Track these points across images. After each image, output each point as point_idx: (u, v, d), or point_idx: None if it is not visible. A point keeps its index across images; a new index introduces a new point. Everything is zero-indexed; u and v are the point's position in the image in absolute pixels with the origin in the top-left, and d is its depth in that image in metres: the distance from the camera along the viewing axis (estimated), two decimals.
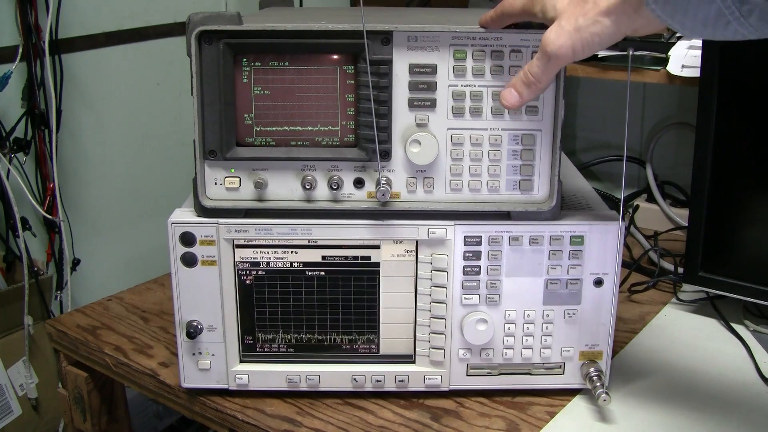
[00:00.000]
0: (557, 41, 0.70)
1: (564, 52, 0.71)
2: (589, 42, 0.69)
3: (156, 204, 1.76)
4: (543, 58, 0.73)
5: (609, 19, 0.67)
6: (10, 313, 1.48)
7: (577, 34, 0.69)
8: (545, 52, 0.72)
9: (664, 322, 1.14)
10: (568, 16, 0.70)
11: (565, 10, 0.70)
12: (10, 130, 1.47)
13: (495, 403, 0.94)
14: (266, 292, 0.92)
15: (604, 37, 0.69)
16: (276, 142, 0.87)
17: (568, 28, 0.70)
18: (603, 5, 0.68)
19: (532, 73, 0.75)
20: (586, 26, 0.69)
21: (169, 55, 1.72)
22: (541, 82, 0.75)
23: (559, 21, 0.71)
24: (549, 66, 0.73)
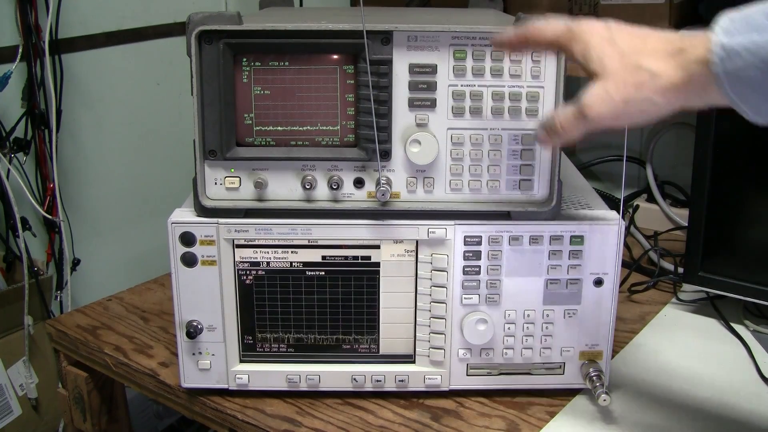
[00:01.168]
0: (600, 108, 0.61)
1: (604, 121, 0.62)
2: (633, 117, 0.61)
3: (156, 204, 1.76)
4: (579, 117, 0.64)
5: (663, 98, 0.59)
6: (10, 313, 1.48)
7: (623, 107, 0.61)
8: (583, 113, 0.63)
9: (664, 322, 1.14)
10: (617, 82, 0.61)
11: (615, 73, 0.61)
12: (10, 130, 1.46)
13: (495, 403, 0.94)
14: (266, 292, 0.92)
15: (653, 116, 0.61)
16: (276, 142, 0.87)
17: (616, 98, 0.61)
18: (660, 84, 0.59)
19: (563, 124, 0.66)
20: (638, 102, 0.60)
21: (169, 55, 1.72)
22: (572, 135, 0.66)
23: (606, 84, 0.61)
24: (583, 125, 0.64)
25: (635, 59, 0.60)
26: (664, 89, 0.59)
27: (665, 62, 0.59)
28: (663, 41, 0.61)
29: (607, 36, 0.64)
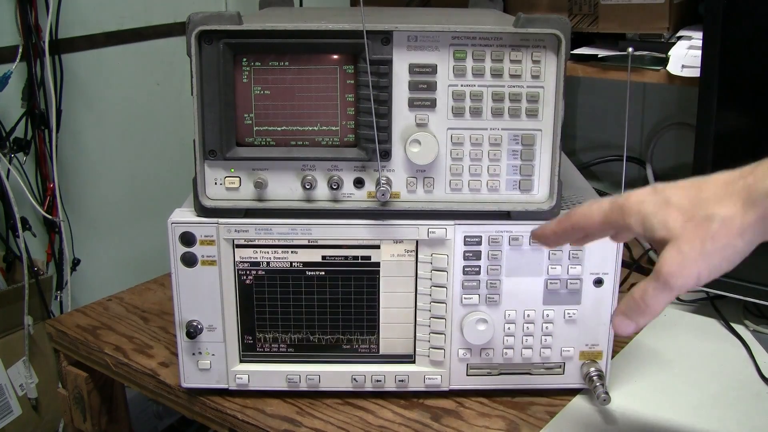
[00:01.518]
0: (681, 271, 0.58)
1: (687, 282, 0.58)
2: (717, 269, 0.58)
3: (156, 204, 1.76)
4: (662, 289, 0.59)
5: (743, 240, 0.57)
6: (10, 313, 1.48)
7: (704, 262, 0.57)
8: (666, 282, 0.59)
9: (664, 322, 1.14)
10: (689, 239, 0.58)
11: (684, 231, 0.58)
12: (10, 130, 1.46)
13: (495, 403, 0.94)
14: (266, 292, 0.92)
15: (735, 261, 0.58)
16: (276, 142, 0.87)
17: (693, 255, 0.57)
18: (734, 227, 0.57)
19: (647, 302, 0.60)
20: (716, 251, 0.57)
21: (169, 55, 1.72)
22: (657, 309, 0.61)
23: (678, 245, 0.58)
24: (667, 296, 0.60)
25: (700, 211, 0.58)
26: (740, 231, 0.57)
27: (732, 204, 0.57)
28: (721, 184, 0.59)
29: (660, 199, 0.61)
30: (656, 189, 0.62)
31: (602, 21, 1.36)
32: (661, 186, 0.62)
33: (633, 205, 0.62)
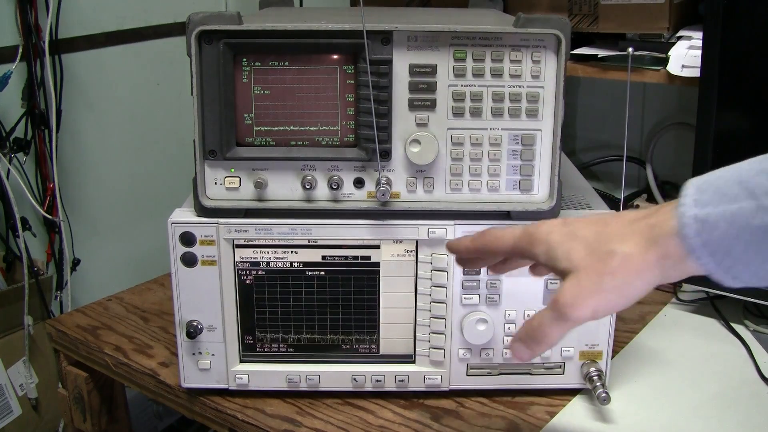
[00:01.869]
0: (577, 303, 0.57)
1: (583, 315, 0.58)
2: (614, 304, 0.58)
3: (156, 204, 1.76)
4: (558, 319, 0.59)
5: (641, 278, 0.57)
6: (10, 313, 1.48)
7: (600, 296, 0.57)
8: (561, 313, 0.58)
9: (664, 322, 1.14)
10: (588, 273, 0.58)
11: (585, 265, 0.58)
12: (10, 130, 1.46)
13: (495, 403, 0.94)
14: (266, 292, 0.92)
15: (631, 299, 0.58)
16: (276, 142, 0.87)
17: (590, 288, 0.57)
18: (634, 264, 0.57)
19: (543, 331, 0.60)
20: (613, 287, 0.57)
21: (169, 55, 1.72)
22: (554, 340, 0.61)
23: (578, 277, 0.58)
24: (563, 327, 0.59)
25: (603, 246, 0.58)
26: (639, 270, 0.57)
27: (634, 242, 0.57)
28: (626, 221, 0.59)
29: (567, 231, 0.62)
30: (566, 221, 0.63)
31: (602, 21, 1.36)
32: (571, 219, 0.63)
33: (542, 234, 0.63)
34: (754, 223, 0.51)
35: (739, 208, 0.52)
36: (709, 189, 0.54)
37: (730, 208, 0.52)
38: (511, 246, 0.65)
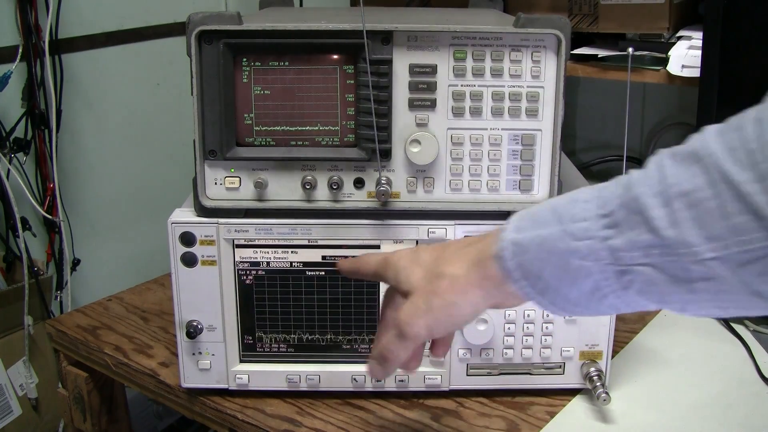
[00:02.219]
0: (413, 321, 0.61)
1: (419, 333, 0.62)
2: (444, 323, 0.62)
3: (156, 204, 1.76)
4: (398, 336, 0.63)
5: (465, 299, 0.60)
6: (10, 313, 1.48)
7: (431, 315, 0.61)
8: (400, 331, 0.62)
9: (664, 322, 1.14)
10: (422, 294, 0.62)
11: (419, 286, 0.62)
12: (10, 130, 1.46)
13: (495, 403, 0.94)
14: (266, 292, 0.92)
15: (461, 318, 0.61)
16: (276, 142, 0.87)
17: (422, 308, 0.61)
18: (459, 285, 0.60)
19: (389, 349, 0.64)
20: (441, 307, 0.60)
21: (169, 55, 1.72)
22: (400, 357, 0.64)
23: (413, 298, 0.62)
24: (405, 344, 0.63)
25: (434, 268, 0.62)
26: (463, 290, 0.60)
27: (461, 264, 0.61)
28: (460, 245, 0.63)
29: (413, 256, 0.66)
30: (416, 248, 0.67)
31: (602, 21, 1.36)
32: (422, 246, 0.68)
33: (393, 260, 0.67)
34: (560, 247, 0.54)
35: (549, 233, 0.55)
36: (528, 216, 0.58)
37: (541, 232, 0.56)
38: (373, 271, 0.70)
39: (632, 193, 0.52)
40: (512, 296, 0.59)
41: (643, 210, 0.51)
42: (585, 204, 0.55)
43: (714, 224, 0.48)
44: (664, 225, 0.50)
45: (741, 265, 0.48)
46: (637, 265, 0.52)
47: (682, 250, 0.49)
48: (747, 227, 0.47)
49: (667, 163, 0.52)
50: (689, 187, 0.49)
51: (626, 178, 0.54)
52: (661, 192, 0.50)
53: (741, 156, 0.47)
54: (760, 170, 0.46)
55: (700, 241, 0.49)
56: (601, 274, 0.53)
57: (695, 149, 0.50)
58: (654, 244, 0.50)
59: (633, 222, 0.51)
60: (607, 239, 0.53)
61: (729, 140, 0.49)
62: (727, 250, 0.48)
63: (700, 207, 0.49)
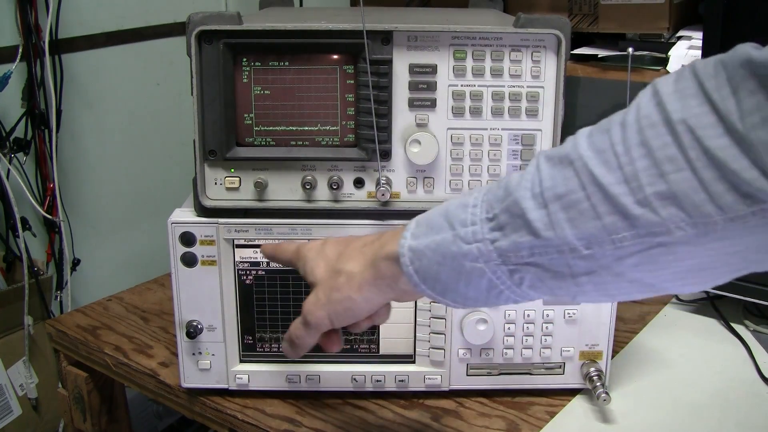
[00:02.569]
0: (314, 312, 0.67)
1: (322, 322, 0.67)
2: (343, 314, 0.66)
3: (156, 204, 1.76)
4: (303, 324, 0.69)
5: (360, 295, 0.64)
6: (10, 313, 1.48)
7: (330, 307, 0.66)
8: (305, 319, 0.68)
9: (664, 322, 1.14)
10: (324, 288, 0.67)
11: (322, 280, 0.67)
12: (10, 130, 1.47)
13: (495, 403, 0.94)
14: (266, 292, 0.92)
15: (359, 311, 0.66)
16: (276, 142, 0.87)
17: (323, 300, 0.66)
18: (355, 282, 0.64)
19: (297, 334, 0.70)
20: (338, 301, 0.65)
21: (169, 55, 1.72)
22: (307, 344, 0.70)
23: (316, 290, 0.68)
24: (309, 331, 0.69)
25: (335, 264, 0.67)
26: (359, 287, 0.64)
27: (358, 262, 0.65)
28: (359, 244, 0.67)
29: (319, 249, 0.70)
30: (325, 241, 0.71)
31: (602, 21, 1.36)
32: (330, 240, 0.71)
33: (303, 252, 0.72)
34: (453, 251, 0.57)
35: (442, 238, 0.58)
36: (423, 222, 0.61)
37: (435, 238, 0.59)
38: (288, 259, 0.75)
39: (513, 196, 0.55)
40: (407, 293, 0.63)
41: (523, 213, 0.54)
42: (474, 209, 0.57)
43: (588, 224, 0.51)
44: (543, 226, 0.53)
45: (616, 260, 0.52)
46: (524, 265, 0.55)
47: (563, 249, 0.53)
48: (617, 226, 0.50)
49: (544, 167, 0.54)
50: (563, 190, 0.52)
51: (507, 180, 0.57)
52: (538, 194, 0.53)
53: (609, 158, 0.50)
54: (625, 172, 0.49)
55: (577, 240, 0.52)
56: (494, 274, 0.56)
57: (568, 152, 0.53)
58: (536, 245, 0.54)
59: (516, 224, 0.55)
60: (494, 241, 0.56)
61: (598, 143, 0.52)
62: (602, 248, 0.51)
63: (574, 208, 0.52)
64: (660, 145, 0.48)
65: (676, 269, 0.51)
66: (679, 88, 0.50)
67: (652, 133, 0.49)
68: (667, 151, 0.48)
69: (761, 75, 0.45)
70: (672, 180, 0.48)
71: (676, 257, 0.50)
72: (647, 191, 0.48)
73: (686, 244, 0.49)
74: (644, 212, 0.49)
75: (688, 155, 0.47)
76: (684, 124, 0.48)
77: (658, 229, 0.49)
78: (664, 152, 0.48)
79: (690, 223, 0.48)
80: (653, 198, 0.48)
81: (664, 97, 0.50)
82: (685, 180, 0.47)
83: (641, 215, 0.49)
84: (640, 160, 0.49)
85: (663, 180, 0.48)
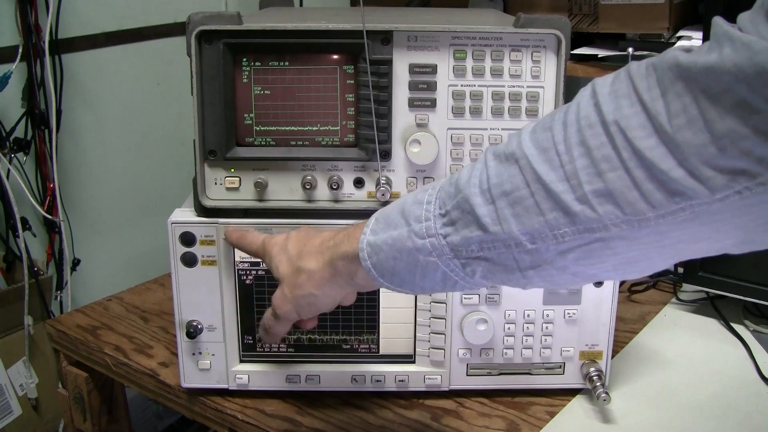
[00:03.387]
0: (282, 306, 0.71)
1: (290, 315, 0.72)
2: (308, 308, 0.71)
3: (156, 204, 1.76)
4: (274, 315, 0.73)
5: (321, 291, 0.69)
6: (10, 313, 1.48)
7: (296, 302, 0.70)
8: (274, 311, 0.73)
9: (664, 322, 1.14)
10: (287, 284, 0.71)
11: (285, 277, 0.71)
12: (10, 130, 1.47)
13: (495, 403, 0.94)
14: (266, 292, 0.92)
15: (322, 305, 0.70)
16: (276, 142, 0.87)
17: (288, 296, 0.70)
18: (315, 280, 0.68)
19: (268, 324, 0.74)
20: (303, 296, 0.70)
21: (169, 55, 1.72)
22: (279, 332, 0.74)
23: (282, 286, 0.71)
24: (281, 322, 0.73)
25: (296, 262, 0.70)
26: (319, 284, 0.68)
27: (317, 261, 0.68)
28: (318, 241, 0.70)
29: (283, 244, 0.73)
30: (288, 236, 0.74)
31: (602, 21, 1.36)
32: (293, 234, 0.74)
33: (269, 245, 0.75)
34: (408, 246, 0.60)
35: (399, 234, 0.61)
36: (381, 219, 0.64)
37: (392, 234, 0.61)
38: (255, 251, 0.79)
39: (463, 193, 0.57)
40: (364, 286, 0.68)
41: (473, 209, 0.56)
42: (428, 205, 0.60)
43: (532, 220, 0.54)
44: (491, 221, 0.56)
45: (559, 254, 0.54)
46: (475, 258, 0.58)
47: (509, 243, 0.56)
48: (559, 222, 0.53)
49: (491, 163, 0.57)
50: (509, 187, 0.55)
51: (457, 177, 0.59)
52: (486, 191, 0.56)
53: (551, 156, 0.53)
54: (566, 170, 0.52)
55: (522, 235, 0.55)
56: (447, 267, 0.59)
57: (513, 150, 0.55)
58: (485, 240, 0.56)
59: (466, 220, 0.57)
60: (446, 236, 0.58)
61: (541, 141, 0.54)
62: (545, 242, 0.54)
63: (519, 205, 0.54)
64: (597, 144, 0.50)
65: (615, 262, 0.54)
66: (614, 89, 0.51)
67: (590, 133, 0.51)
68: (603, 150, 0.50)
69: (687, 78, 0.47)
70: (608, 178, 0.50)
71: (613, 251, 0.53)
72: (586, 188, 0.51)
73: (622, 239, 0.52)
74: (583, 209, 0.51)
75: (622, 155, 0.49)
76: (617, 125, 0.50)
77: (595, 225, 0.51)
78: (601, 152, 0.50)
79: (624, 220, 0.50)
80: (591, 195, 0.51)
81: (600, 98, 0.51)
82: (619, 179, 0.50)
83: (580, 212, 0.51)
84: (579, 159, 0.51)
85: (600, 178, 0.50)
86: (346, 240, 0.66)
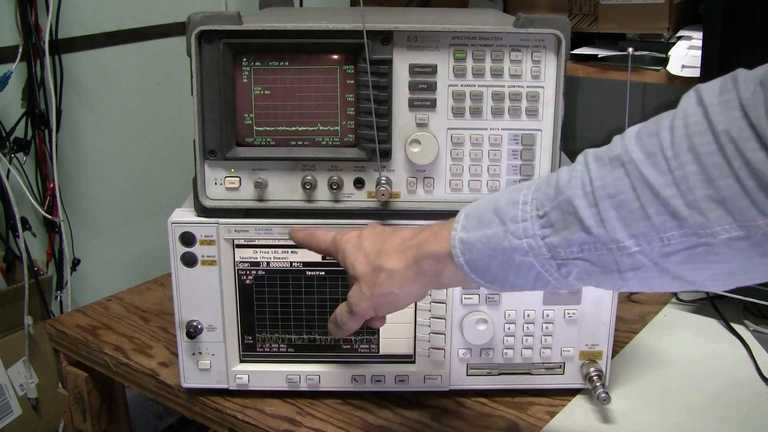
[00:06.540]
0: (359, 303, 0.71)
1: (367, 312, 0.72)
2: (387, 306, 0.71)
3: (156, 204, 1.76)
4: (349, 312, 0.73)
5: (402, 290, 0.68)
6: (10, 313, 1.48)
7: (373, 300, 0.70)
8: (350, 308, 0.72)
9: (664, 322, 1.14)
10: (366, 283, 0.70)
11: (363, 275, 0.70)
12: (10, 130, 1.46)
13: (495, 403, 0.94)
14: (266, 292, 0.92)
15: (402, 303, 0.70)
16: (276, 142, 0.87)
17: (368, 294, 0.70)
18: (396, 279, 0.68)
19: (342, 320, 0.74)
20: (381, 295, 0.69)
21: (169, 55, 1.72)
22: (351, 328, 0.74)
23: (360, 284, 0.71)
24: (356, 318, 0.73)
25: (375, 261, 0.70)
26: (400, 283, 0.68)
27: (399, 260, 0.68)
28: (399, 241, 0.70)
29: (357, 242, 0.73)
30: (362, 233, 0.74)
31: (602, 21, 1.36)
32: (367, 231, 0.74)
33: (341, 243, 0.75)
34: (504, 245, 0.60)
35: (493, 233, 0.61)
36: (473, 216, 0.64)
37: (486, 232, 0.62)
38: (324, 249, 0.78)
39: (565, 195, 0.58)
40: (448, 285, 0.68)
41: (575, 210, 0.57)
42: (524, 206, 0.60)
43: (637, 223, 0.54)
44: (594, 224, 0.56)
45: (663, 257, 0.55)
46: (574, 259, 0.58)
47: (611, 246, 0.56)
48: (666, 226, 0.53)
49: (593, 166, 0.57)
50: (614, 190, 0.55)
51: (556, 179, 0.60)
52: (589, 193, 0.56)
53: (659, 161, 0.53)
54: (675, 176, 0.52)
55: (626, 237, 0.55)
56: (542, 267, 0.60)
57: (619, 154, 0.56)
58: (586, 241, 0.57)
59: (567, 221, 0.57)
60: (545, 237, 0.59)
61: (648, 146, 0.55)
62: (650, 245, 0.54)
63: (624, 208, 0.55)
64: (707, 152, 0.51)
65: (716, 270, 0.54)
66: (723, 99, 0.52)
67: (700, 140, 0.52)
68: (714, 158, 0.51)
69: None
70: (720, 186, 0.51)
71: (718, 258, 0.53)
72: (697, 194, 0.52)
73: (728, 247, 0.52)
74: (692, 213, 0.52)
75: (732, 164, 0.50)
76: (727, 135, 0.51)
77: (703, 230, 0.52)
78: (711, 159, 0.51)
79: (735, 226, 0.51)
80: (702, 201, 0.51)
81: (709, 107, 0.52)
82: (730, 186, 0.51)
83: (689, 216, 0.52)
84: (689, 165, 0.52)
85: (711, 185, 0.51)
86: (433, 239, 0.66)
